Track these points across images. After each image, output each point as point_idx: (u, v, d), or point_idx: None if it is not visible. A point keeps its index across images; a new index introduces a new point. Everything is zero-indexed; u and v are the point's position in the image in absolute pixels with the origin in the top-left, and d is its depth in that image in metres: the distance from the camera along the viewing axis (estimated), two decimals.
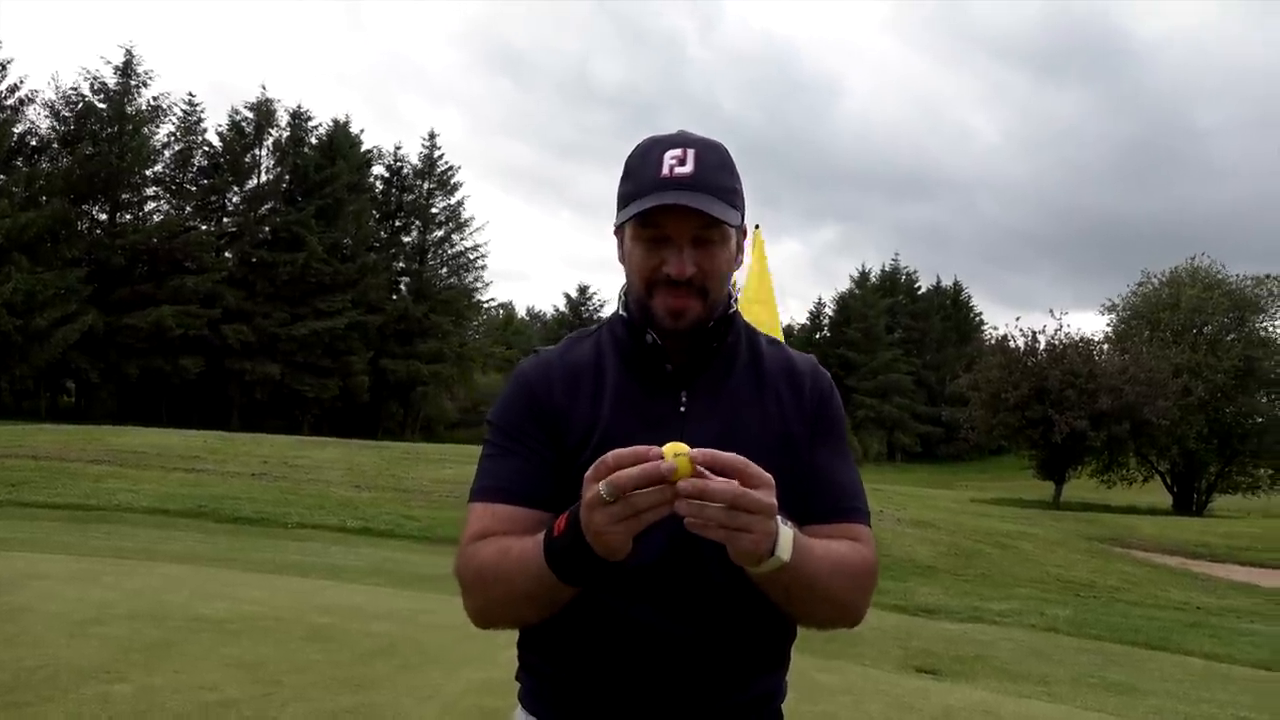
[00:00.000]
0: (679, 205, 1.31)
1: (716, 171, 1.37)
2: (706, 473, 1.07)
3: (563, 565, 1.18)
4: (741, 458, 1.09)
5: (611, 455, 1.07)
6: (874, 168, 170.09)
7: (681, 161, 1.34)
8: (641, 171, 1.37)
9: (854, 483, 1.49)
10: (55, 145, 45.49)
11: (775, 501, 1.11)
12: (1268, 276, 43.51)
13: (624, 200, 1.39)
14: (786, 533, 1.17)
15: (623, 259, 1.45)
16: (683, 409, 1.40)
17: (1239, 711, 6.38)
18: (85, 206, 46.60)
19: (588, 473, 1.10)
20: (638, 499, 1.06)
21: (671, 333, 1.38)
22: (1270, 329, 43.22)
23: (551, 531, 1.19)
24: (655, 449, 1.07)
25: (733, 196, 1.38)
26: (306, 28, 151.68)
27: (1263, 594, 15.21)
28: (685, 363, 1.42)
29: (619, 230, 1.44)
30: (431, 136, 58.67)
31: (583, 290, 75.27)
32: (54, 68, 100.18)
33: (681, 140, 1.38)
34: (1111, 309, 47.26)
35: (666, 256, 1.35)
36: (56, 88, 48.88)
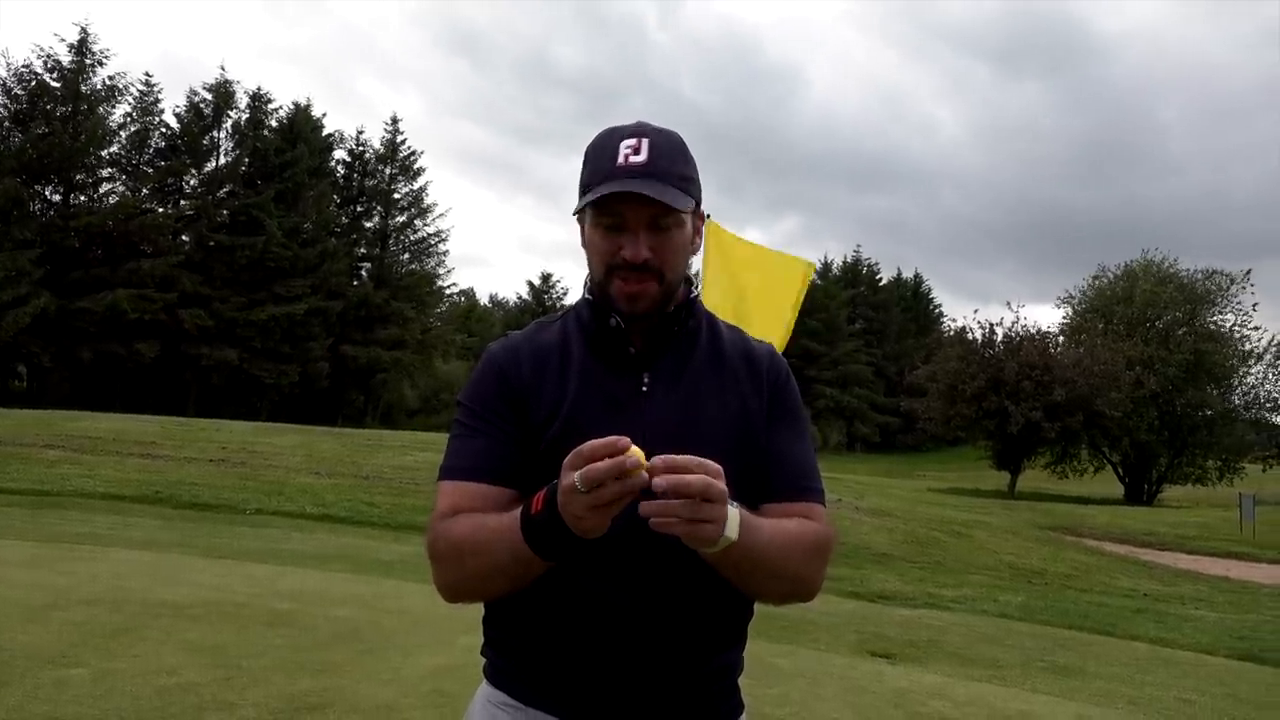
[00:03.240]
0: (632, 192, 1.37)
1: (670, 159, 1.42)
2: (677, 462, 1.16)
3: (540, 541, 1.24)
4: (695, 457, 1.16)
5: (586, 446, 1.12)
6: (836, 158, 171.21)
7: (636, 150, 1.40)
8: (598, 161, 1.43)
9: (809, 463, 1.54)
10: (7, 124, 44.48)
11: (726, 488, 1.18)
12: (1217, 271, 44.46)
13: (583, 189, 1.44)
14: (734, 513, 1.22)
15: (584, 245, 1.50)
16: (645, 389, 1.45)
17: (1182, 694, 6.57)
18: (38, 187, 45.68)
19: (566, 460, 1.15)
20: (608, 490, 1.12)
21: (631, 316, 1.44)
22: (1219, 323, 44.16)
23: (529, 509, 1.24)
24: (625, 440, 1.12)
25: (686, 183, 1.43)
26: (263, 4, 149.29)
27: (1207, 581, 15.61)
28: (647, 345, 1.47)
29: (580, 217, 1.49)
30: (394, 121, 58.04)
31: (545, 278, 75.14)
32: (5, 44, 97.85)
33: (637, 130, 1.43)
34: (1067, 302, 48.07)
35: (623, 242, 1.40)
36: (8, 65, 48.03)
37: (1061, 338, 42.50)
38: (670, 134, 1.46)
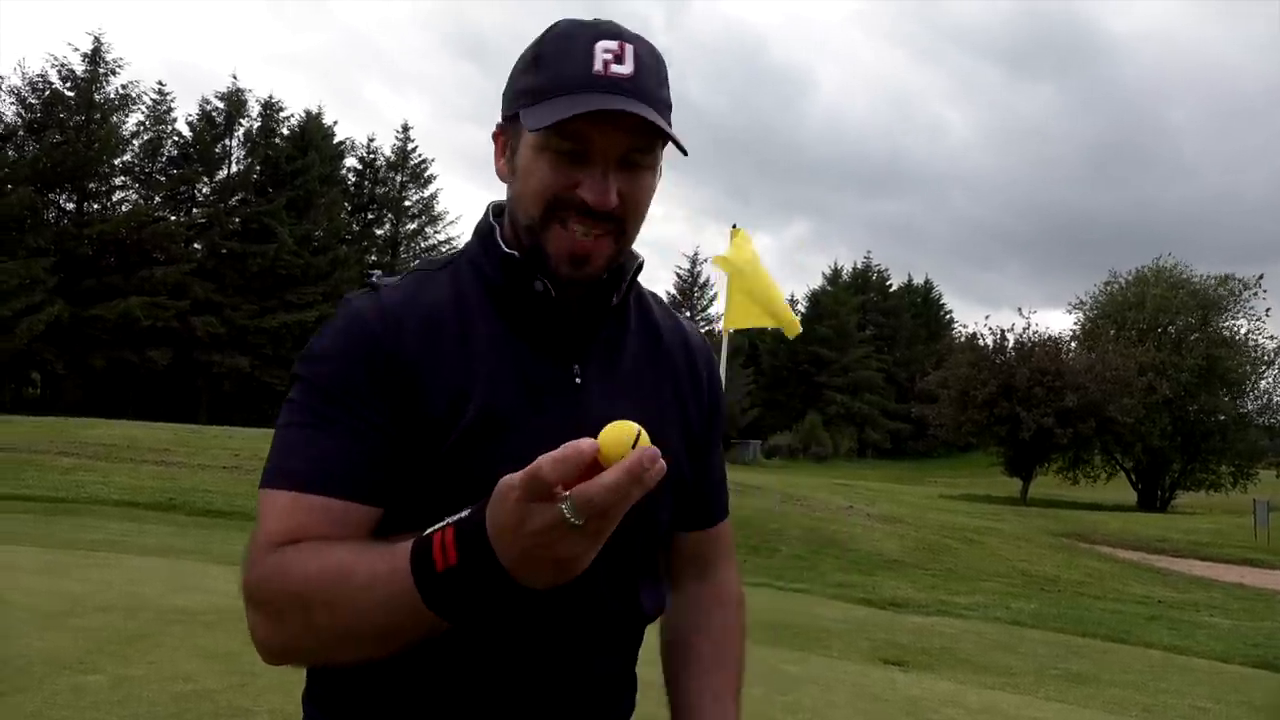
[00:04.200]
0: (620, 113, 1.01)
1: (657, 77, 1.08)
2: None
3: (452, 600, 0.87)
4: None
5: (548, 462, 0.78)
6: (845, 162, 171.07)
7: (619, 58, 1.04)
8: (563, 62, 1.04)
9: (725, 475, 1.35)
10: (21, 133, 44.80)
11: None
12: (1230, 276, 44.25)
13: (532, 95, 1.05)
14: None
15: (507, 171, 1.13)
16: (577, 380, 1.13)
17: (1196, 702, 6.55)
18: (52, 195, 45.98)
19: (510, 486, 0.80)
20: (622, 507, 0.80)
21: (568, 281, 1.09)
22: (1233, 328, 43.94)
23: (429, 559, 0.86)
24: (588, 442, 0.80)
25: (669, 114, 1.10)
26: (271, 12, 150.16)
27: (1221, 588, 15.52)
28: (579, 323, 1.14)
29: (506, 132, 1.13)
30: (405, 129, 58.40)
31: None
32: (21, 54, 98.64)
33: (614, 31, 1.06)
34: (1079, 307, 47.89)
35: (582, 177, 1.04)
36: (23, 74, 48.24)
37: (1073, 343, 42.35)
38: (650, 44, 1.09)
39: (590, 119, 1.01)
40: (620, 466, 0.78)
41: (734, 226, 7.58)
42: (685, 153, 1.08)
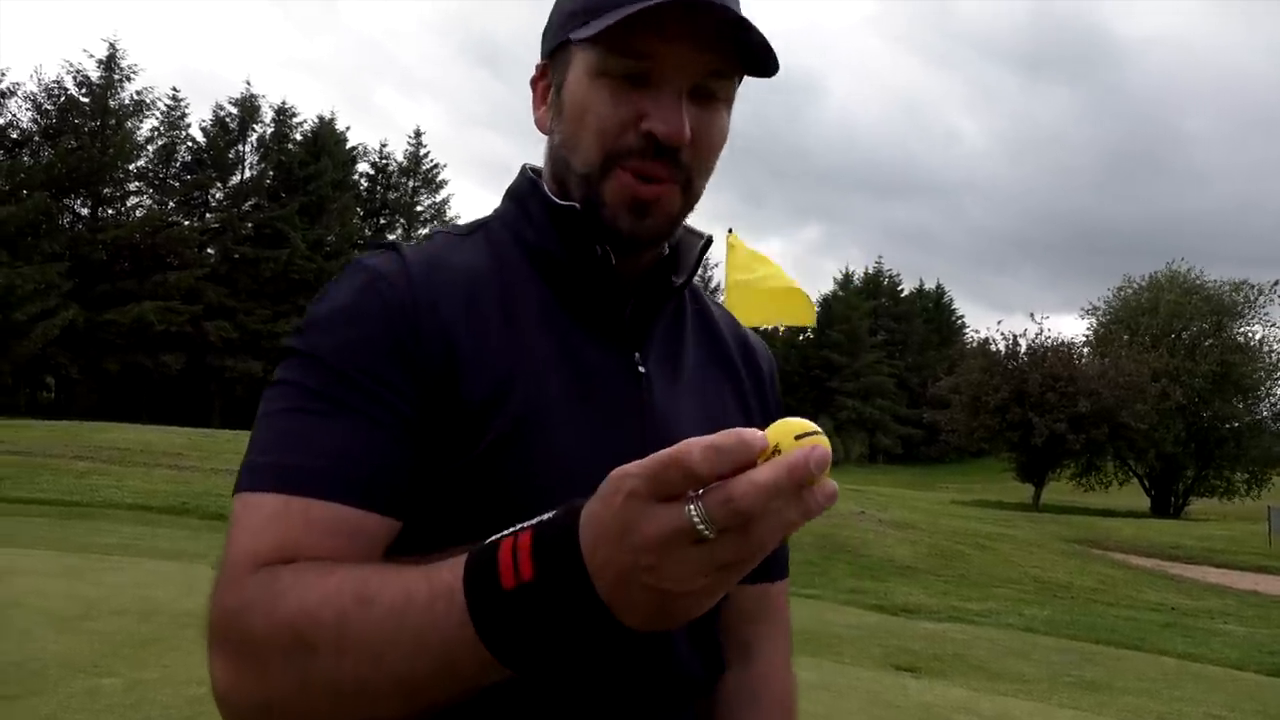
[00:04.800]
0: (702, 4, 0.82)
1: None
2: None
3: (522, 635, 0.64)
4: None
5: (698, 449, 0.57)
6: (858, 167, 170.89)
7: None
8: None
9: None
10: (37, 139, 45.13)
11: None
12: (1244, 282, 44.06)
13: (585, 15, 0.87)
14: None
15: (550, 118, 0.95)
16: (642, 370, 0.94)
17: (1211, 710, 6.51)
18: (67, 200, 46.27)
19: (624, 476, 0.60)
20: (771, 526, 0.58)
21: (630, 241, 0.90)
22: (1248, 334, 43.72)
23: (492, 572, 0.65)
24: (755, 433, 0.59)
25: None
26: (284, 18, 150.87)
27: (1235, 595, 15.42)
28: (637, 302, 0.96)
29: (548, 72, 0.95)
30: (417, 134, 58.70)
31: None
32: (37, 60, 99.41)
33: None
34: (1092, 312, 47.80)
35: (648, 106, 0.86)
36: (39, 80, 48.76)
37: (1086, 349, 42.21)
38: None
39: (660, 29, 0.83)
40: (781, 462, 0.58)
41: (729, 231, 7.53)
42: (776, 68, 0.89)
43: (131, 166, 47.95)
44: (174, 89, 54.61)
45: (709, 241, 1.02)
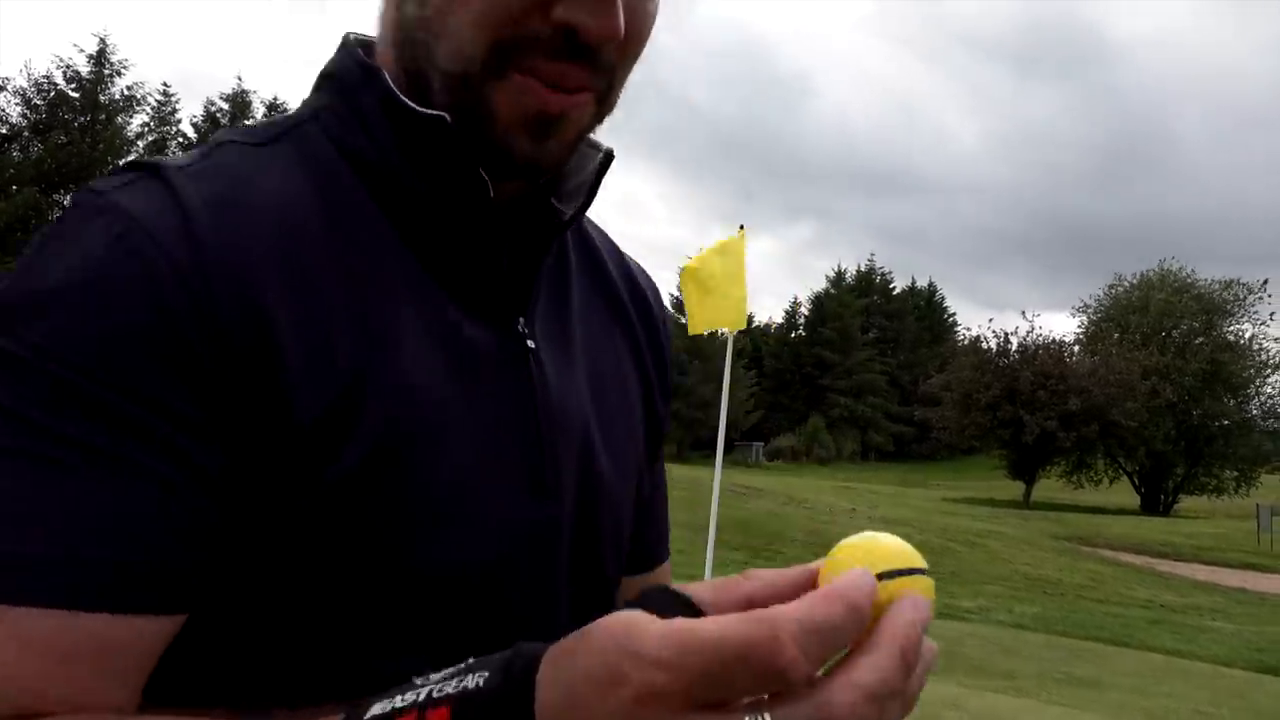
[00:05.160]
0: None
1: None
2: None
3: None
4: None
5: (785, 639, 0.38)
6: (850, 165, 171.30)
7: None
8: None
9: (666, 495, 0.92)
10: (26, 134, 44.99)
11: None
12: (1235, 281, 44.27)
13: None
14: None
15: None
16: (532, 345, 0.69)
17: (1198, 706, 6.55)
18: (56, 196, 46.08)
19: (656, 680, 0.39)
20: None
21: (525, 168, 0.65)
22: (1238, 333, 43.94)
23: None
24: (866, 588, 0.42)
25: None
26: (277, 13, 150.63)
27: (1223, 593, 15.50)
28: (516, 249, 0.70)
29: None
30: None
31: None
32: (26, 55, 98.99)
33: None
34: (1083, 310, 48.00)
35: None
36: (28, 75, 48.24)
37: (1077, 347, 42.46)
38: None
39: None
40: (891, 643, 0.41)
41: (740, 227, 7.47)
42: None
43: (121, 162, 47.53)
44: (165, 84, 54.42)
45: (609, 157, 0.72)
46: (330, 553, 0.57)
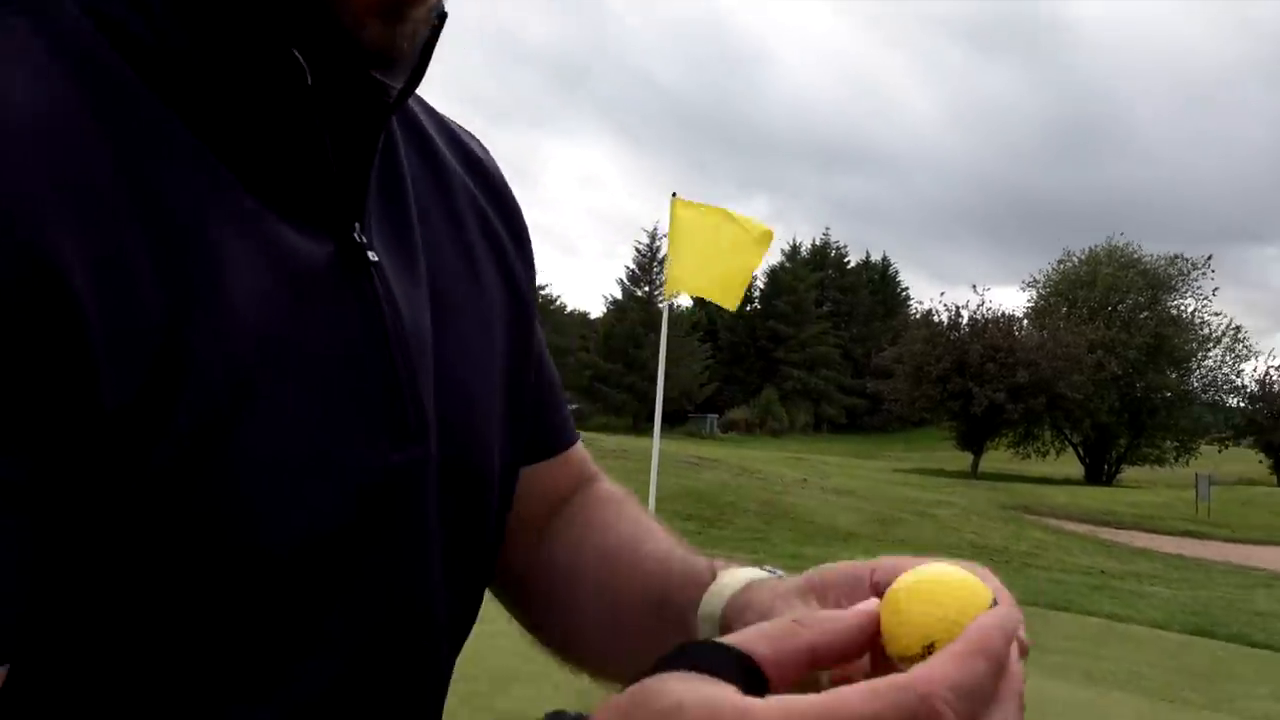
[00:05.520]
0: None
1: None
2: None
3: None
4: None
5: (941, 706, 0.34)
6: (806, 139, 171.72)
7: None
8: None
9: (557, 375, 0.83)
10: None
11: None
12: (1179, 256, 45.26)
13: None
14: None
15: None
16: (374, 260, 0.57)
17: (1134, 667, 6.75)
18: None
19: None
20: None
21: (374, 56, 0.55)
22: (1180, 307, 44.96)
23: None
24: (997, 623, 0.40)
25: None
26: None
27: (1162, 559, 15.97)
28: (343, 139, 0.57)
29: None
30: None
31: None
32: None
33: None
34: (1032, 285, 48.76)
35: None
36: None
37: (1026, 321, 43.15)
38: None
39: None
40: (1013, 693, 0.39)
41: (673, 195, 7.46)
42: None
43: None
44: None
45: (443, 19, 0.59)
46: (166, 547, 0.47)
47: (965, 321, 40.04)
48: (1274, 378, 44.00)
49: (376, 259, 0.57)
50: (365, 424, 0.54)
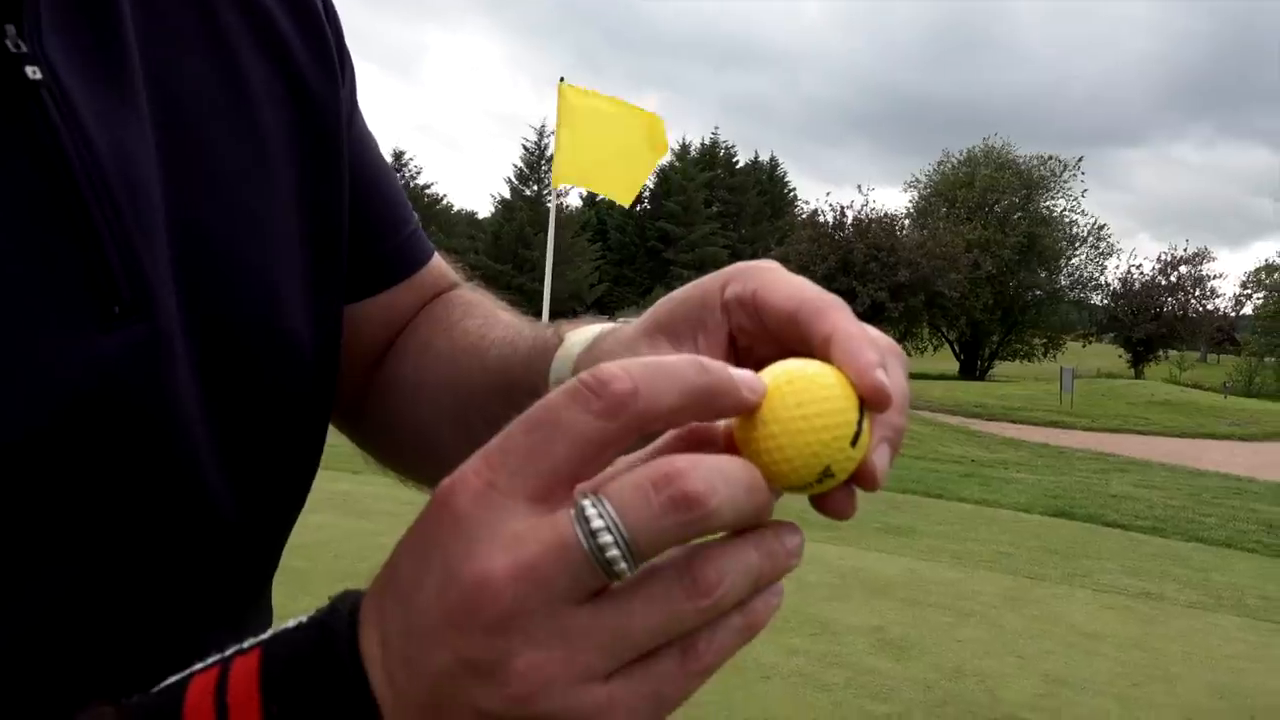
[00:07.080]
0: None
1: None
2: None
3: None
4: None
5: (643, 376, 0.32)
6: (696, 36, 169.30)
7: None
8: None
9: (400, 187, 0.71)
10: None
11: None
12: (1052, 157, 46.70)
13: None
14: None
15: None
16: (37, 75, 0.41)
17: (999, 548, 7.12)
18: None
19: (498, 477, 0.31)
20: (740, 568, 0.33)
21: None
22: (1051, 208, 46.60)
23: None
24: (748, 382, 0.35)
25: None
26: None
27: (1028, 448, 16.83)
28: None
29: None
30: None
31: (397, 156, 72.43)
32: None
33: None
34: (914, 185, 49.76)
35: None
36: None
37: (907, 221, 44.11)
38: None
39: None
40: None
41: (561, 79, 7.15)
42: None
43: None
44: None
45: None
46: None
47: (850, 222, 40.71)
48: (1134, 276, 46.38)
49: (41, 76, 0.41)
50: (56, 302, 0.40)
